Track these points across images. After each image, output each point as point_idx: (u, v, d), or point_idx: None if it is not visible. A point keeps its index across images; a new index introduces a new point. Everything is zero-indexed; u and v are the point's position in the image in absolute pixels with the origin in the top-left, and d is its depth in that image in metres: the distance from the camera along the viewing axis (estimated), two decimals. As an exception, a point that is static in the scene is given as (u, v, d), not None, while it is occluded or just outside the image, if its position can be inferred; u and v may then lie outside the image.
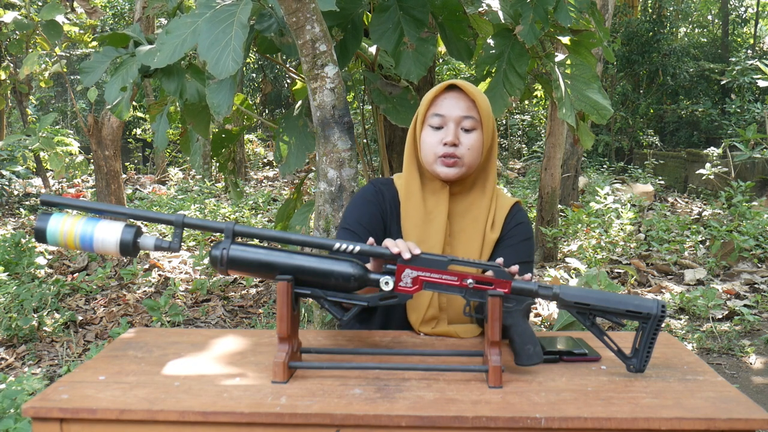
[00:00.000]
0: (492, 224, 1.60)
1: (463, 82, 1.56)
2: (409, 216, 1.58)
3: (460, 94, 1.55)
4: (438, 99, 1.56)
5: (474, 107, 1.54)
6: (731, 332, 4.01)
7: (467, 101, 1.54)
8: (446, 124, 1.54)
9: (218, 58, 2.33)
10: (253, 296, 4.61)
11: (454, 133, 1.53)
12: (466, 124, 1.54)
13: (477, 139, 1.54)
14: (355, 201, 1.65)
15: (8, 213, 7.92)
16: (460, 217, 1.59)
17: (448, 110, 1.54)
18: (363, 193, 1.65)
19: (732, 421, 1.10)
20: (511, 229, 1.61)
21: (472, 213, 1.59)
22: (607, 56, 3.45)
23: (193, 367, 1.32)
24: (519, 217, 1.64)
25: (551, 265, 5.53)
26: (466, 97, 1.54)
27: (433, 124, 1.55)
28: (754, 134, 6.97)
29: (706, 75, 12.80)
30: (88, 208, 1.29)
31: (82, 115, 11.23)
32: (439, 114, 1.54)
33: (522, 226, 1.63)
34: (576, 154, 7.23)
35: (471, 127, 1.54)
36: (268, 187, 10.69)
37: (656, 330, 1.28)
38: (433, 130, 1.55)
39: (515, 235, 1.61)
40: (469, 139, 1.54)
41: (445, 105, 1.54)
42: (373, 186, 1.66)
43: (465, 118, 1.53)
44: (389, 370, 1.30)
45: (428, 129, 1.56)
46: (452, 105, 1.54)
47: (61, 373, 3.26)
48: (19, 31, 7.52)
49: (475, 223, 1.59)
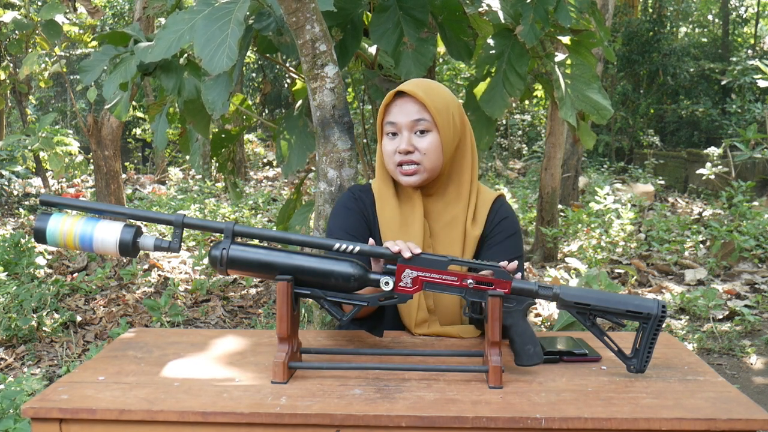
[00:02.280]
0: (473, 220, 1.58)
1: (412, 84, 1.53)
2: (387, 222, 1.57)
3: (408, 98, 1.52)
4: (389, 107, 1.54)
5: (425, 109, 1.51)
6: (732, 332, 4.00)
7: (416, 104, 1.51)
8: (400, 131, 1.53)
9: (213, 55, 2.33)
10: (253, 296, 4.61)
11: (407, 140, 1.51)
12: (419, 127, 1.51)
13: (433, 141, 1.52)
14: (337, 211, 1.63)
15: (8, 213, 7.92)
16: (438, 218, 1.57)
17: (398, 117, 1.52)
18: (343, 202, 1.63)
19: (732, 422, 1.10)
20: (495, 225, 1.59)
21: (449, 213, 1.57)
22: (608, 56, 3.44)
23: (192, 368, 1.32)
24: (503, 212, 1.61)
25: (551, 265, 5.53)
26: (415, 101, 1.51)
27: (389, 132, 1.54)
28: (755, 134, 6.96)
29: (706, 75, 12.80)
30: (88, 208, 1.29)
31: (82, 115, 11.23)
32: (392, 122, 1.53)
33: (507, 221, 1.60)
34: (576, 154, 7.23)
35: (424, 129, 1.51)
36: (267, 187, 10.69)
37: (657, 330, 1.28)
38: (389, 139, 1.54)
39: (501, 231, 1.58)
40: (425, 143, 1.51)
41: (395, 112, 1.53)
42: (351, 193, 1.65)
43: (417, 121, 1.51)
44: (389, 371, 1.30)
45: (385, 138, 1.55)
46: (402, 111, 1.52)
47: (61, 374, 3.25)
48: (19, 30, 7.52)
49: (453, 223, 1.57)
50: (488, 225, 1.59)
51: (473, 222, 1.58)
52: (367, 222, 1.60)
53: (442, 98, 1.53)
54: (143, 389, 1.20)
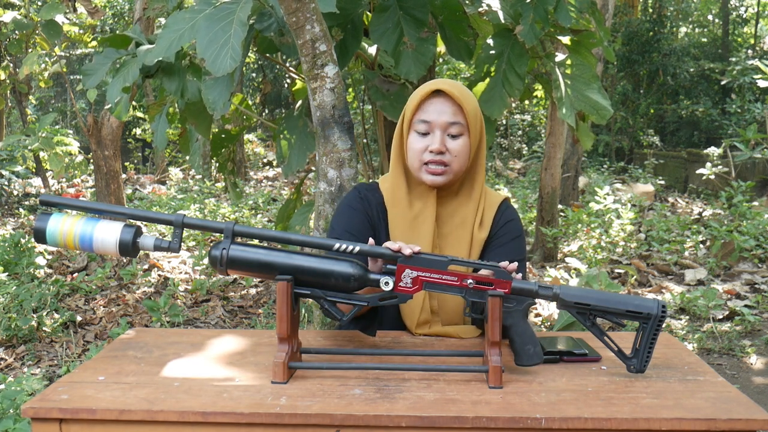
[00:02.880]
0: (480, 223, 1.57)
1: (449, 84, 1.51)
2: (396, 221, 1.56)
3: (446, 98, 1.50)
4: (424, 104, 1.51)
5: (461, 112, 1.50)
6: (732, 332, 4.00)
7: (454, 106, 1.50)
8: (432, 130, 1.50)
9: (216, 56, 2.33)
10: (252, 296, 4.61)
11: (440, 140, 1.49)
12: (453, 131, 1.50)
13: (464, 145, 1.51)
14: (341, 210, 1.61)
15: (8, 213, 7.92)
16: (447, 220, 1.57)
17: (434, 116, 1.50)
18: (348, 201, 1.62)
19: (732, 422, 1.10)
20: (500, 227, 1.59)
21: (459, 215, 1.57)
22: (608, 56, 3.45)
23: (192, 368, 1.32)
24: (508, 215, 1.61)
25: (551, 265, 5.53)
26: (453, 102, 1.50)
27: (420, 130, 1.51)
28: (755, 134, 6.97)
29: (706, 75, 12.79)
30: (88, 208, 1.29)
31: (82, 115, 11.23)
32: (425, 120, 1.50)
33: (512, 223, 1.60)
34: (576, 154, 7.23)
35: (458, 132, 1.50)
36: (267, 187, 10.69)
37: (657, 330, 1.28)
38: (419, 136, 1.51)
39: (506, 233, 1.58)
40: (456, 145, 1.50)
41: (431, 110, 1.50)
42: (357, 192, 1.63)
43: (452, 124, 1.50)
44: (389, 371, 1.30)
45: (414, 135, 1.52)
46: (439, 110, 1.50)
47: (61, 374, 3.25)
48: (19, 30, 7.52)
49: (463, 225, 1.56)
50: (494, 227, 1.59)
51: (480, 225, 1.58)
52: (371, 222, 1.59)
53: (473, 103, 1.53)
54: (143, 389, 1.20)
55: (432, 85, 1.52)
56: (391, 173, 1.59)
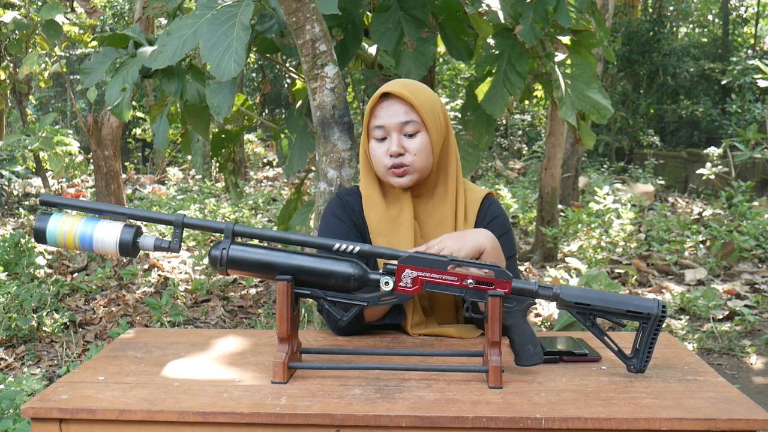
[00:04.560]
0: (464, 221, 1.56)
1: (397, 85, 1.51)
2: (376, 226, 1.55)
3: (395, 99, 1.50)
4: (376, 109, 1.52)
5: (413, 110, 1.49)
6: (732, 332, 4.00)
7: (405, 105, 1.49)
8: (389, 134, 1.50)
9: (220, 61, 2.32)
10: (252, 296, 4.61)
11: (397, 142, 1.49)
12: (408, 129, 1.50)
13: (423, 142, 1.50)
14: (327, 220, 1.61)
15: (8, 213, 7.92)
16: (427, 220, 1.56)
17: (386, 119, 1.50)
18: (332, 210, 1.61)
19: (732, 422, 1.10)
20: (486, 225, 1.57)
21: (438, 214, 1.56)
22: (608, 56, 3.45)
23: (192, 368, 1.32)
24: (492, 211, 1.60)
25: (551, 265, 5.53)
26: (403, 102, 1.49)
27: (377, 136, 1.51)
28: (755, 134, 6.97)
29: (706, 75, 12.80)
30: (88, 208, 1.29)
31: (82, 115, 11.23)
32: (380, 125, 1.50)
33: (497, 219, 1.59)
34: (576, 154, 7.23)
35: (414, 130, 1.50)
36: (268, 187, 10.69)
37: (657, 330, 1.28)
38: (378, 142, 1.52)
39: (492, 231, 1.55)
40: (415, 144, 1.50)
41: (383, 114, 1.50)
42: (339, 199, 1.62)
43: (405, 123, 1.49)
44: (389, 371, 1.30)
45: (373, 141, 1.52)
46: (390, 113, 1.50)
47: (61, 374, 3.25)
48: (19, 30, 7.52)
49: (442, 224, 1.55)
50: (478, 225, 1.58)
51: (464, 222, 1.56)
52: (356, 227, 1.58)
53: (427, 97, 1.52)
54: (143, 389, 1.20)
55: (381, 89, 1.52)
56: (363, 181, 1.59)
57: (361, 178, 1.60)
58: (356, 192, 1.63)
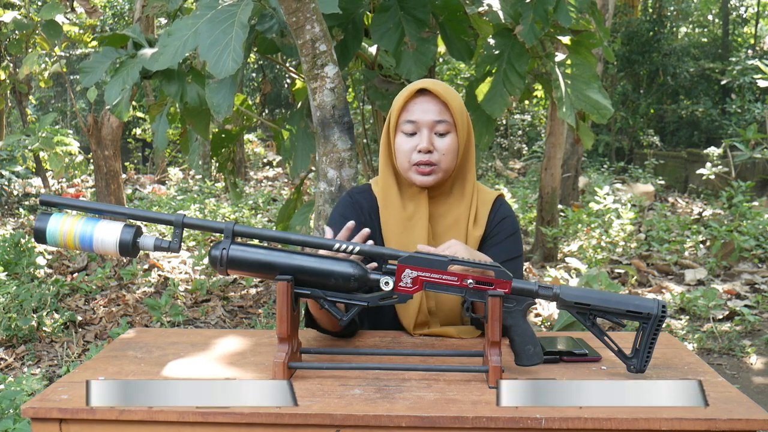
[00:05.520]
0: (475, 221, 1.57)
1: (433, 83, 1.51)
2: (390, 223, 1.55)
3: (431, 97, 1.50)
4: (409, 104, 1.51)
5: (446, 110, 1.49)
6: (732, 332, 4.00)
7: (439, 104, 1.49)
8: (419, 130, 1.50)
9: (218, 58, 2.33)
10: (253, 296, 4.61)
11: (428, 139, 1.48)
12: (440, 129, 1.50)
13: (452, 143, 1.50)
14: (335, 218, 1.60)
15: (8, 213, 7.92)
16: (440, 220, 1.56)
17: (420, 115, 1.49)
18: (341, 209, 1.61)
19: (732, 422, 1.10)
20: (496, 225, 1.58)
21: (452, 214, 1.56)
22: (607, 56, 3.45)
23: (192, 368, 1.32)
24: (503, 212, 1.61)
25: (551, 265, 5.53)
26: (438, 100, 1.49)
27: (406, 131, 1.51)
28: (755, 134, 6.97)
29: (706, 75, 12.79)
30: (88, 208, 1.29)
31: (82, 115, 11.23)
32: (412, 120, 1.50)
33: (507, 220, 1.60)
34: (576, 154, 7.23)
35: (445, 130, 1.50)
36: (267, 187, 10.69)
37: (657, 330, 1.28)
38: (406, 136, 1.51)
39: (501, 231, 1.58)
40: (444, 144, 1.50)
41: (417, 110, 1.50)
42: (349, 197, 1.62)
43: (438, 122, 1.49)
44: (389, 371, 1.30)
45: (401, 135, 1.52)
46: (424, 110, 1.49)
47: (61, 374, 3.25)
48: (19, 30, 7.52)
49: (456, 224, 1.56)
50: (489, 225, 1.59)
51: (475, 223, 1.57)
52: (365, 227, 1.59)
53: (459, 100, 1.52)
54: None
55: (416, 85, 1.51)
56: (381, 176, 1.58)
57: (380, 174, 1.59)
58: (368, 190, 1.62)
